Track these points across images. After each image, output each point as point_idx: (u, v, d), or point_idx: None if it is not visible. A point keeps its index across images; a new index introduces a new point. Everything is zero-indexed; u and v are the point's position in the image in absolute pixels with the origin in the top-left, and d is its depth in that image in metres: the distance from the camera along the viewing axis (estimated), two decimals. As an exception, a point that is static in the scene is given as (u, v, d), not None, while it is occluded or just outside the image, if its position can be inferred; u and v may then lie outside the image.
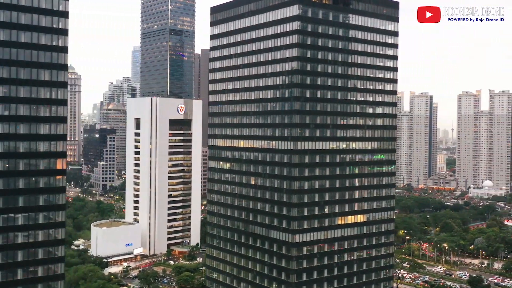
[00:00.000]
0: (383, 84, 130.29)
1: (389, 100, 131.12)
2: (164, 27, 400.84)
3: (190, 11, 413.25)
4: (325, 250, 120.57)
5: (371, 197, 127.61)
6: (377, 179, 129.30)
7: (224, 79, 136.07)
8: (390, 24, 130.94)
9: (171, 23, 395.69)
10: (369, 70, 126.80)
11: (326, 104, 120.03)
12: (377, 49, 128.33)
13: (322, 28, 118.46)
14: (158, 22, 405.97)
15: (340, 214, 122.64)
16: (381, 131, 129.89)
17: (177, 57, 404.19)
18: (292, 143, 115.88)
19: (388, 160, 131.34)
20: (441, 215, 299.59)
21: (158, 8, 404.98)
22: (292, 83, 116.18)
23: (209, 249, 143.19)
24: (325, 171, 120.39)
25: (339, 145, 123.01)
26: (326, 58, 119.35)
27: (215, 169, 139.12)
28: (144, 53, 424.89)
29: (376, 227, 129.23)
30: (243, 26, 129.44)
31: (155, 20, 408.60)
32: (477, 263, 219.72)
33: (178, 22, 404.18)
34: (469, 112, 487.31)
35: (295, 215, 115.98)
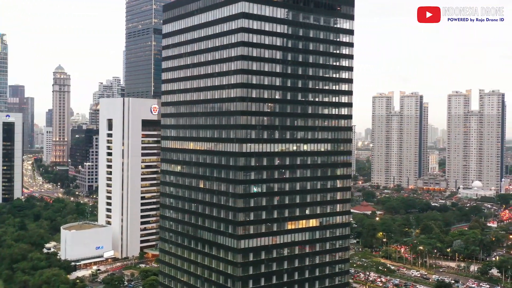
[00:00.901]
0: (338, 84, 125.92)
1: (344, 101, 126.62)
2: (148, 27, 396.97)
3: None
4: (274, 256, 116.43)
5: (324, 201, 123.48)
6: (331, 182, 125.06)
7: (176, 79, 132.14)
8: (346, 22, 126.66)
9: (155, 22, 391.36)
10: (322, 70, 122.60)
11: (274, 105, 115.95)
12: (331, 48, 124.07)
13: (270, 26, 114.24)
14: (142, 22, 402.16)
15: (290, 219, 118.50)
16: (336, 133, 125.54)
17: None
18: (237, 145, 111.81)
19: (344, 163, 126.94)
20: (424, 217, 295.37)
21: (142, 8, 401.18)
22: (237, 83, 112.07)
23: (162, 254, 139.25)
24: (273, 174, 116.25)
25: (289, 147, 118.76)
26: (274, 57, 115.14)
27: (167, 171, 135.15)
28: (129, 53, 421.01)
29: (330, 232, 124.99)
30: (192, 24, 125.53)
31: (139, 19, 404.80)
32: (454, 266, 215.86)
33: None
34: (459, 112, 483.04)
35: (240, 220, 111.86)
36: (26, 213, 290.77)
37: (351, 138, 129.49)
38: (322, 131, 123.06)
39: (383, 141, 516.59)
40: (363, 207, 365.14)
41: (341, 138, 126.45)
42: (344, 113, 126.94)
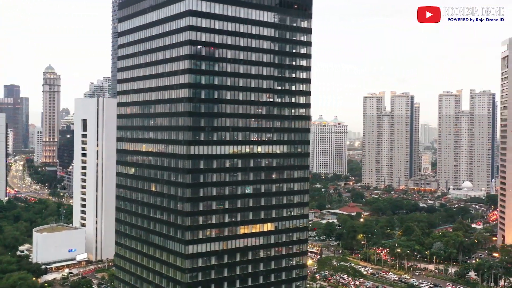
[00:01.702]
0: (295, 85, 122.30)
1: (301, 101, 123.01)
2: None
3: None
4: (225, 262, 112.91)
5: (280, 204, 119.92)
6: (287, 185, 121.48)
7: (130, 78, 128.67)
8: (303, 21, 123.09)
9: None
10: (277, 70, 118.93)
11: (225, 106, 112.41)
12: (287, 47, 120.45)
13: (220, 24, 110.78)
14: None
15: (243, 223, 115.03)
16: (293, 134, 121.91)
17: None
18: (184, 147, 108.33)
19: (301, 165, 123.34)
20: (408, 218, 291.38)
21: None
22: (184, 83, 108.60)
23: (117, 259, 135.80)
24: (224, 177, 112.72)
25: (242, 149, 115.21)
26: (224, 56, 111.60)
27: (122, 174, 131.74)
28: (115, 52, 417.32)
29: (286, 236, 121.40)
30: (145, 23, 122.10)
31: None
32: (433, 269, 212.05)
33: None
34: (449, 112, 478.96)
35: (188, 225, 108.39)
36: (6, 215, 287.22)
37: (309, 139, 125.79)
38: (278, 133, 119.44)
39: (374, 142, 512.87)
40: (350, 208, 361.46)
41: (299, 140, 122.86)
42: (302, 114, 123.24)
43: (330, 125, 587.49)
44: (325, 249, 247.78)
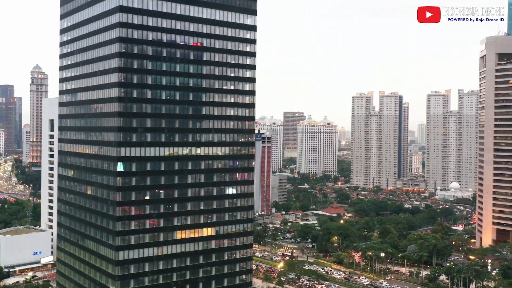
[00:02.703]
0: (238, 84, 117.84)
1: (245, 101, 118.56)
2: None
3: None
4: (160, 268, 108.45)
5: (221, 208, 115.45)
6: (230, 189, 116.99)
7: (69, 77, 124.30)
8: (248, 17, 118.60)
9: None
10: (218, 68, 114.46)
11: (160, 106, 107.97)
12: (229, 45, 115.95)
13: (153, 20, 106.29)
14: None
15: (180, 228, 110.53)
16: (236, 136, 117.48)
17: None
18: (114, 149, 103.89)
19: (244, 168, 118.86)
20: (387, 220, 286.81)
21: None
22: (114, 83, 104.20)
23: (59, 264, 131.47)
24: (159, 180, 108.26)
25: (179, 151, 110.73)
26: (159, 54, 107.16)
27: (62, 176, 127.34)
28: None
29: (229, 241, 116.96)
30: (82, 19, 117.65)
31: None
32: (405, 272, 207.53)
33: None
34: (438, 112, 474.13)
35: (118, 230, 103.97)
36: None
37: (253, 141, 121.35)
38: (219, 134, 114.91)
39: (362, 142, 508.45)
40: (333, 209, 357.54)
41: (242, 141, 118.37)
42: (245, 115, 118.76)
43: (320, 125, 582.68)
44: (299, 251, 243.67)
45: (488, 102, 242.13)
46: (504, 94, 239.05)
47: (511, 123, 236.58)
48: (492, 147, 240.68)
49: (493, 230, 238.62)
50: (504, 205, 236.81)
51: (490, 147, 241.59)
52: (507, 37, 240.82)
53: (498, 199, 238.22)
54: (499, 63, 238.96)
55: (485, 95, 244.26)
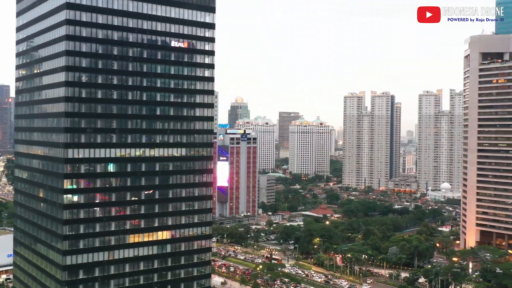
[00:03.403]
0: (195, 84, 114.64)
1: (203, 101, 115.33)
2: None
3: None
4: (112, 273, 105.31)
5: (177, 211, 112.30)
6: (186, 191, 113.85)
7: (23, 76, 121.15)
8: (206, 15, 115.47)
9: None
10: (174, 68, 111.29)
11: (111, 106, 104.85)
12: (186, 43, 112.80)
13: (104, 18, 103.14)
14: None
15: (133, 232, 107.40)
16: (193, 136, 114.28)
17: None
18: (62, 150, 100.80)
19: (203, 169, 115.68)
20: (372, 221, 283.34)
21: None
22: (61, 82, 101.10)
23: (15, 268, 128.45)
24: (110, 182, 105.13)
25: (131, 152, 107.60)
26: (110, 53, 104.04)
27: (18, 178, 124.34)
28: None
29: (186, 245, 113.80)
30: (34, 17, 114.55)
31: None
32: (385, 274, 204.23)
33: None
34: (429, 112, 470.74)
35: (65, 234, 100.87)
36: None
37: (212, 142, 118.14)
38: (174, 135, 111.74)
39: (354, 142, 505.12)
40: (321, 210, 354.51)
41: (200, 142, 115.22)
42: (203, 115, 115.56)
43: (312, 125, 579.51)
44: (281, 253, 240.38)
45: (471, 102, 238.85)
46: (487, 94, 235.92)
47: (494, 123, 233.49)
48: (475, 148, 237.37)
49: (477, 231, 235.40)
50: (487, 206, 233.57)
51: (473, 147, 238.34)
52: (490, 36, 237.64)
53: (482, 200, 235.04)
54: (482, 62, 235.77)
55: (469, 95, 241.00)
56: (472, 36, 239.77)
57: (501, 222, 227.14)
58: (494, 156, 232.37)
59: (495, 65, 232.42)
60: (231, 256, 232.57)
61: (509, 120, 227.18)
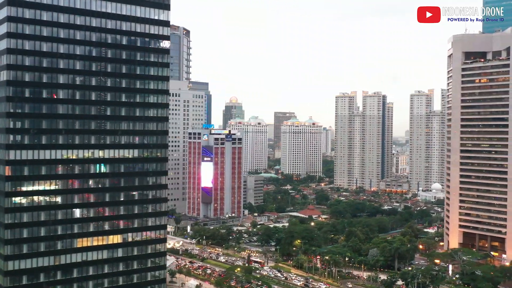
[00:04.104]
0: (148, 83, 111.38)
1: (156, 101, 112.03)
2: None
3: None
4: (58, 279, 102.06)
5: (129, 214, 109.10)
6: (139, 194, 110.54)
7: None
8: (162, 12, 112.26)
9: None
10: (126, 66, 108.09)
11: (56, 106, 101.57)
12: (138, 41, 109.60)
13: (49, 15, 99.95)
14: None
15: (81, 236, 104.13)
16: (146, 137, 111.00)
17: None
18: (3, 152, 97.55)
19: (157, 171, 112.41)
20: (357, 222, 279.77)
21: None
22: (3, 81, 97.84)
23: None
24: (56, 185, 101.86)
25: (79, 154, 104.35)
26: (55, 51, 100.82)
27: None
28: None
29: (139, 249, 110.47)
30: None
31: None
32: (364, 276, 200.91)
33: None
34: (421, 112, 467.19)
35: (7, 238, 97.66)
36: None
37: (167, 143, 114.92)
38: (127, 136, 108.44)
39: (345, 142, 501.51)
40: (309, 211, 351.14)
41: (154, 144, 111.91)
42: (157, 115, 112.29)
43: (305, 125, 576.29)
44: (262, 255, 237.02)
45: (454, 102, 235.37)
46: (470, 93, 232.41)
47: (477, 123, 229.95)
48: (458, 148, 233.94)
49: (460, 233, 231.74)
50: (470, 208, 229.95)
51: (456, 148, 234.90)
52: (473, 35, 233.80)
53: (465, 201, 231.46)
54: (465, 62, 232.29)
55: (452, 95, 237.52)
56: (455, 35, 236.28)
57: (484, 224, 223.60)
58: (476, 157, 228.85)
59: (477, 65, 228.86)
60: (212, 258, 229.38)
61: (492, 120, 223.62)
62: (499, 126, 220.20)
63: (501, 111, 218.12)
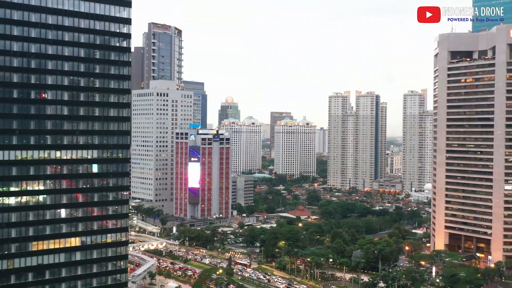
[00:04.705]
0: (108, 82, 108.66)
1: (117, 101, 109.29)
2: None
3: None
4: (12, 283, 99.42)
5: (88, 216, 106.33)
6: (99, 195, 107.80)
7: None
8: (123, 9, 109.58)
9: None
10: (84, 65, 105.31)
11: (10, 105, 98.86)
12: (98, 39, 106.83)
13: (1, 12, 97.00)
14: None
15: (37, 238, 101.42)
16: (106, 138, 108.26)
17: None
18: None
19: (118, 172, 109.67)
20: (344, 223, 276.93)
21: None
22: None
23: None
24: (8, 186, 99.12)
25: (34, 154, 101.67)
26: (9, 49, 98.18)
27: None
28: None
29: (98, 252, 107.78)
30: None
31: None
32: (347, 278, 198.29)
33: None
34: (414, 112, 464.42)
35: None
36: None
37: (128, 144, 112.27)
38: (85, 136, 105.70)
39: (339, 142, 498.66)
40: (298, 212, 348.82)
41: (114, 144, 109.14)
42: (118, 115, 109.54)
43: (298, 125, 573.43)
44: (246, 256, 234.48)
45: (440, 102, 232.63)
46: (456, 93, 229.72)
47: (463, 123, 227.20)
48: (444, 148, 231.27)
49: (446, 234, 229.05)
50: (456, 209, 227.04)
51: (442, 148, 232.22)
52: (459, 34, 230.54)
53: (451, 202, 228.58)
54: (451, 61, 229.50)
55: (438, 95, 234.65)
56: (441, 34, 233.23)
57: (469, 225, 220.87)
58: (462, 157, 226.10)
59: (463, 64, 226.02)
60: (197, 260, 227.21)
61: (477, 120, 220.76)
62: (484, 126, 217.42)
63: (487, 111, 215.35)
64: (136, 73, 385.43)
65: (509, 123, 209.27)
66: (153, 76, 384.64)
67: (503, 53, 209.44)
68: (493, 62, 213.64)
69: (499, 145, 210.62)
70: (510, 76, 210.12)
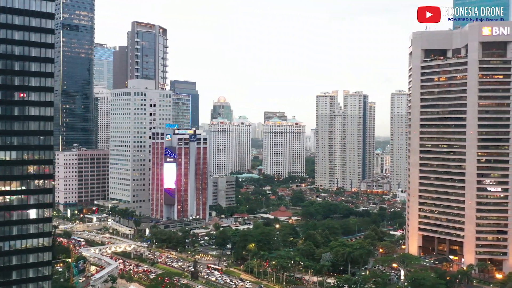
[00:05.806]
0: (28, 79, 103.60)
1: (38, 99, 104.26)
2: (57, 22, 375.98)
3: (87, 4, 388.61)
4: None
5: (6, 221, 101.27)
6: (18, 198, 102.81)
7: None
8: (45, 4, 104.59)
9: (64, 17, 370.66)
10: (1, 62, 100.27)
11: None
12: (16, 34, 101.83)
13: None
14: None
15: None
16: (26, 138, 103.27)
17: (73, 53, 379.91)
18: None
19: (39, 175, 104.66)
20: (320, 225, 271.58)
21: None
22: None
23: None
24: None
25: None
26: None
27: None
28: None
29: (18, 259, 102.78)
30: None
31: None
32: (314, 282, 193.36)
33: (73, 17, 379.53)
34: (401, 112, 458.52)
35: None
36: None
37: (52, 144, 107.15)
38: (3, 136, 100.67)
39: (326, 142, 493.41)
40: (280, 213, 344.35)
41: (35, 145, 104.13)
42: (39, 114, 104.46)
43: (287, 125, 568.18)
44: (216, 258, 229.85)
45: (414, 101, 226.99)
46: (429, 92, 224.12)
47: (436, 123, 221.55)
48: (418, 149, 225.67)
49: (419, 236, 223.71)
50: (429, 210, 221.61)
51: (416, 148, 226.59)
52: (432, 32, 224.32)
53: (424, 204, 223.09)
54: (424, 60, 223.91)
55: (412, 94, 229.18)
56: (414, 32, 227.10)
57: (442, 227, 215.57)
58: (436, 158, 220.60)
59: (436, 63, 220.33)
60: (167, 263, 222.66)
61: (450, 120, 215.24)
62: (457, 126, 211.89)
63: (459, 111, 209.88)
64: (120, 72, 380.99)
65: (482, 123, 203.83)
66: (136, 76, 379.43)
67: (475, 51, 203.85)
68: (465, 61, 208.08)
69: (471, 145, 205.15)
70: (482, 75, 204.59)
